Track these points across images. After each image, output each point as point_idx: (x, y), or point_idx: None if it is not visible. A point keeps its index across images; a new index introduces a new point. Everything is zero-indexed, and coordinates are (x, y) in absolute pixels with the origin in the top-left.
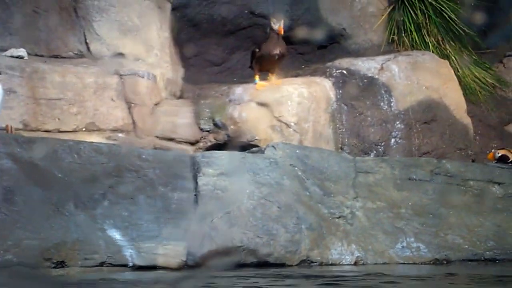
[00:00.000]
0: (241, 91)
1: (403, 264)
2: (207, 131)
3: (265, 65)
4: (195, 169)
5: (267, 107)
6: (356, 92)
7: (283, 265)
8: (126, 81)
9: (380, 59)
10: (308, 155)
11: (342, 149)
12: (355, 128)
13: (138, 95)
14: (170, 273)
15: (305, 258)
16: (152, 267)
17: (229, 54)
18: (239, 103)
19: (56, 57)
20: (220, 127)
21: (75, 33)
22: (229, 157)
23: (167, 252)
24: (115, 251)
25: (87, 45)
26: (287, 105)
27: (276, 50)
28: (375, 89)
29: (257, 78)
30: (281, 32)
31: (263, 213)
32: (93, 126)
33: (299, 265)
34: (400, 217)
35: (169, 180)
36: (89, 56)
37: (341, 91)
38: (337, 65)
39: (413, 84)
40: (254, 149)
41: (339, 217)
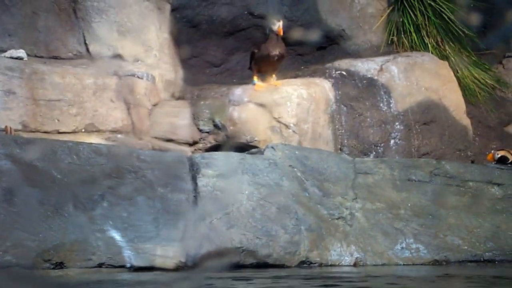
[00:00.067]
0: (241, 92)
1: (402, 265)
2: (206, 132)
3: (265, 66)
4: (194, 170)
5: (267, 108)
6: (355, 93)
7: (282, 266)
8: (125, 82)
9: (379, 60)
10: (307, 156)
11: (341, 150)
12: (354, 129)
13: (137, 96)
14: (168, 274)
15: (304, 259)
16: (150, 268)
17: (228, 55)
18: (238, 104)
19: (55, 58)
20: (219, 128)
21: (75, 34)
22: (229, 158)
23: (165, 253)
24: (114, 252)
25: (86, 46)
26: (287, 106)
27: (275, 51)
28: (375, 90)
29: (255, 78)
30: (281, 33)
31: (262, 214)
32: (93, 127)
33: (298, 266)
34: (399, 218)
35: (168, 181)
36: (88, 57)
37: (340, 92)
38: (337, 66)
39: (412, 85)
40: (253, 150)
41: (338, 218)
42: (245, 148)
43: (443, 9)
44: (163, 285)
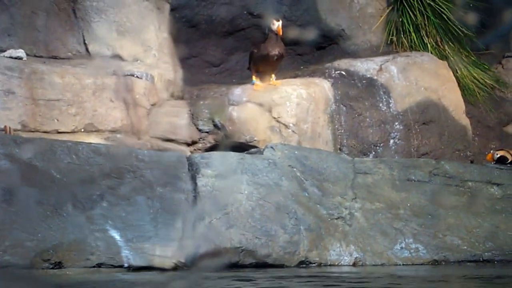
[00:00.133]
0: (240, 92)
1: (401, 265)
2: (205, 132)
3: (264, 66)
4: (193, 170)
5: (266, 108)
6: (354, 93)
7: (281, 266)
8: (124, 82)
9: (379, 60)
10: (306, 156)
11: (340, 150)
12: (353, 129)
13: (136, 96)
14: (167, 274)
15: (303, 259)
16: (149, 268)
17: (228, 55)
18: (237, 104)
19: (55, 58)
20: (219, 128)
21: (74, 34)
22: (228, 158)
23: (164, 253)
24: (112, 252)
25: (85, 46)
26: (286, 106)
27: (274, 50)
28: (374, 90)
29: (254, 78)
30: (280, 32)
31: (262, 214)
32: (92, 127)
33: (297, 266)
34: (398, 218)
35: (167, 181)
36: (88, 57)
37: (339, 92)
38: (336, 66)
39: (411, 85)
40: (252, 150)
41: (337, 218)
42: (244, 148)
43: (442, 9)
44: (161, 285)
